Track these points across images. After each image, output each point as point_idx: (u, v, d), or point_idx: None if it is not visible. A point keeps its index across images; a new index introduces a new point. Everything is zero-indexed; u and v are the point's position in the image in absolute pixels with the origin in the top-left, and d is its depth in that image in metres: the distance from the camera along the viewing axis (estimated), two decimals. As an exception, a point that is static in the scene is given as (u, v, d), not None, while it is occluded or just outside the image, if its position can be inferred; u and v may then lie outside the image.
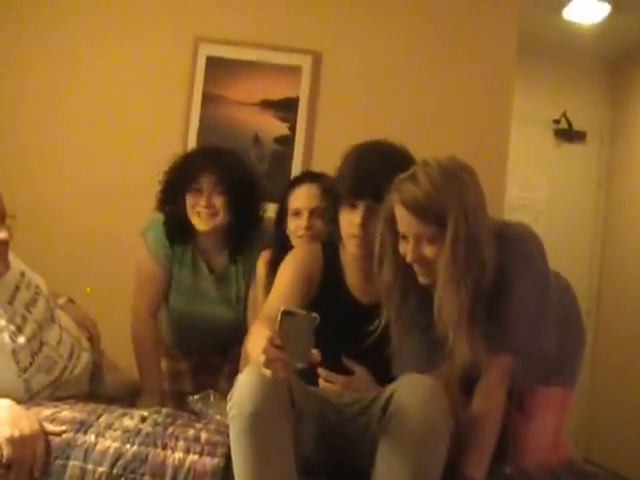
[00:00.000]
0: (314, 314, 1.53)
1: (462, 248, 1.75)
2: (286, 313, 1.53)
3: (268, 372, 1.49)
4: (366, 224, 1.95)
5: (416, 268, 1.83)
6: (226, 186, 2.41)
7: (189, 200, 2.42)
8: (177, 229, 2.49)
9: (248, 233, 2.50)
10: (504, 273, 1.82)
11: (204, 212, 2.41)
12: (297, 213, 2.37)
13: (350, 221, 1.99)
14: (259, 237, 2.50)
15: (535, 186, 5.12)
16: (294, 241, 2.37)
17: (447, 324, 1.80)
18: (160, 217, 2.52)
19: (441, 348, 1.83)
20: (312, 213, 2.34)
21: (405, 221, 1.81)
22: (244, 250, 2.51)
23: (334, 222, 2.05)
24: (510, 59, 3.59)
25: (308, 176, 2.48)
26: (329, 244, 2.13)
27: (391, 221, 1.85)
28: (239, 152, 2.71)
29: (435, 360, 1.88)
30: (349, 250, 2.04)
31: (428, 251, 1.79)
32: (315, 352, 1.52)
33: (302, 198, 2.38)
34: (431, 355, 1.90)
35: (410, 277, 1.86)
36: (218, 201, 2.41)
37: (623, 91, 5.10)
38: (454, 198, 1.76)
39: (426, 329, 1.87)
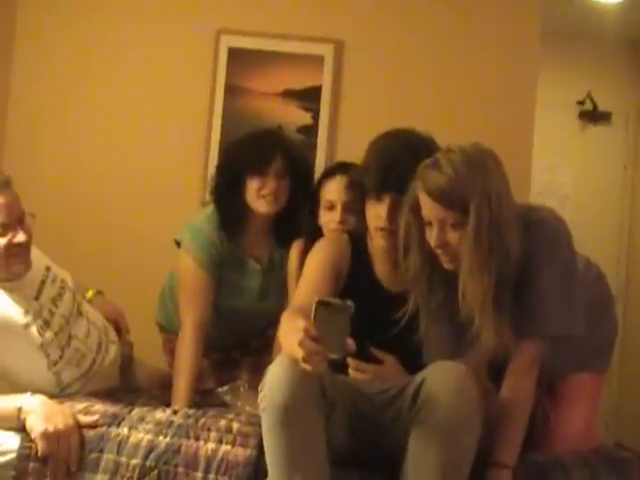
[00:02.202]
0: (349, 302, 1.50)
1: (485, 234, 1.75)
2: (321, 303, 1.51)
3: (308, 367, 1.47)
4: (392, 217, 1.95)
5: (440, 254, 1.83)
6: (292, 169, 2.39)
7: (254, 184, 2.36)
8: (236, 217, 2.42)
9: (298, 218, 2.47)
10: (530, 257, 1.82)
11: (270, 195, 2.37)
12: (330, 206, 2.35)
13: (377, 214, 1.99)
14: (304, 224, 2.47)
15: (560, 170, 5.06)
16: (326, 233, 2.34)
17: (472, 309, 1.80)
18: (195, 223, 2.45)
19: (468, 335, 1.83)
20: (345, 206, 2.31)
21: (429, 207, 1.80)
22: (294, 236, 2.46)
23: (361, 214, 2.05)
24: (534, 43, 3.53)
25: (341, 168, 2.41)
26: (357, 235, 2.13)
27: (416, 209, 1.85)
28: None
29: (462, 347, 1.88)
30: (376, 242, 2.03)
31: (452, 237, 1.79)
32: (351, 342, 1.50)
33: (335, 191, 2.34)
34: (459, 342, 1.89)
35: (436, 264, 1.86)
36: (284, 184, 2.39)
37: (648, 71, 5.02)
38: (477, 184, 1.75)
39: (453, 316, 1.87)
